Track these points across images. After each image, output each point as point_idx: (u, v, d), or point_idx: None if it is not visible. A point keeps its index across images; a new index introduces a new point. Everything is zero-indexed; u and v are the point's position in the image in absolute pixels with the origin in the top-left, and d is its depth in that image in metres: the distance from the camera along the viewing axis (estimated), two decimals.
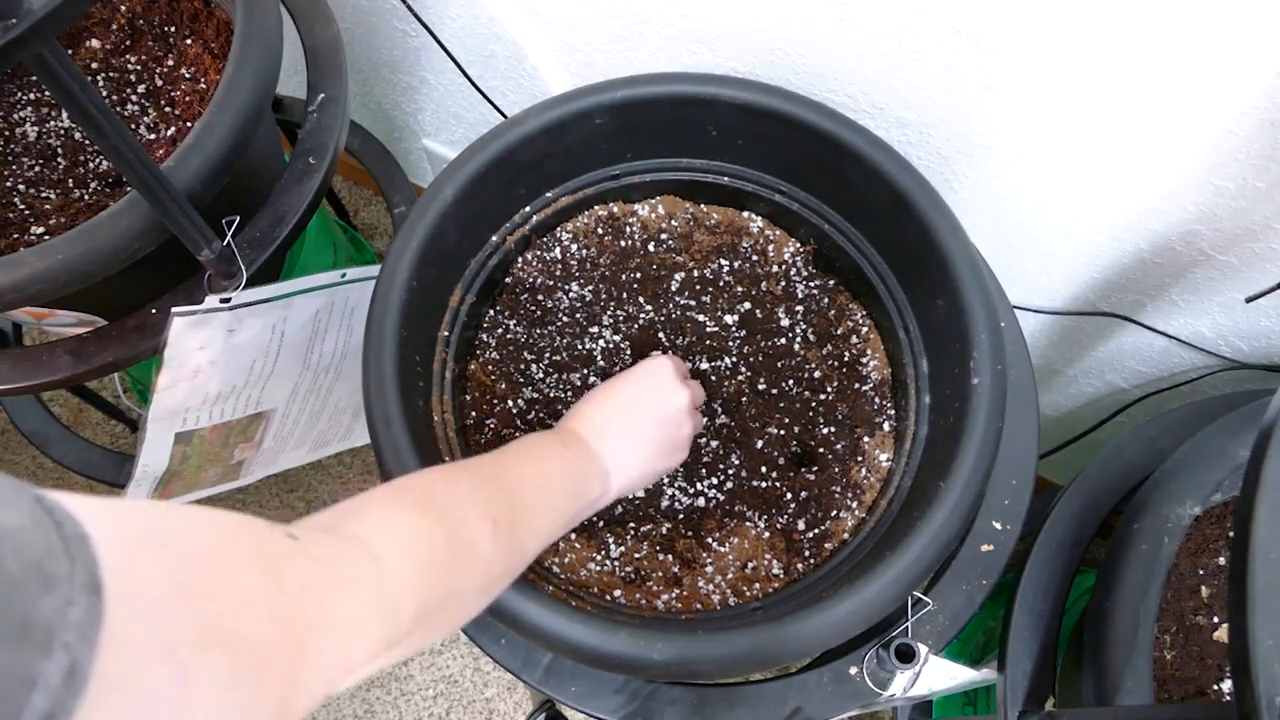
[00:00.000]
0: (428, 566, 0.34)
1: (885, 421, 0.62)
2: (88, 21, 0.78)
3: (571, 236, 0.68)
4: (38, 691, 0.16)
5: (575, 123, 0.61)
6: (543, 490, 0.45)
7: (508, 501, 0.41)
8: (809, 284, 0.67)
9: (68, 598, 0.18)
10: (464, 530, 0.38)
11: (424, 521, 0.36)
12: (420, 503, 0.37)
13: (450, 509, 0.38)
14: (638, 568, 0.57)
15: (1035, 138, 0.63)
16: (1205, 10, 0.49)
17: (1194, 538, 0.55)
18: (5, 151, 0.74)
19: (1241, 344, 0.70)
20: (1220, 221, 0.61)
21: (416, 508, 0.36)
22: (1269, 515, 0.36)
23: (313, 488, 1.20)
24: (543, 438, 0.50)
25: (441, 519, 0.37)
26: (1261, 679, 0.34)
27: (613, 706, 0.53)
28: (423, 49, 0.94)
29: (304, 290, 0.68)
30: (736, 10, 0.66)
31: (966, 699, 0.85)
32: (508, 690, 1.10)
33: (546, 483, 0.45)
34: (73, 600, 0.18)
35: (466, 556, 0.37)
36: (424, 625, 0.34)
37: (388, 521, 0.35)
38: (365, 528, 0.33)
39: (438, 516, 0.37)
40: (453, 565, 0.36)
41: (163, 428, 0.68)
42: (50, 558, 0.18)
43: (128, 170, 0.50)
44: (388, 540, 0.33)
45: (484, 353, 0.64)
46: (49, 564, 0.18)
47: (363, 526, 0.33)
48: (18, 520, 0.18)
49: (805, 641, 0.46)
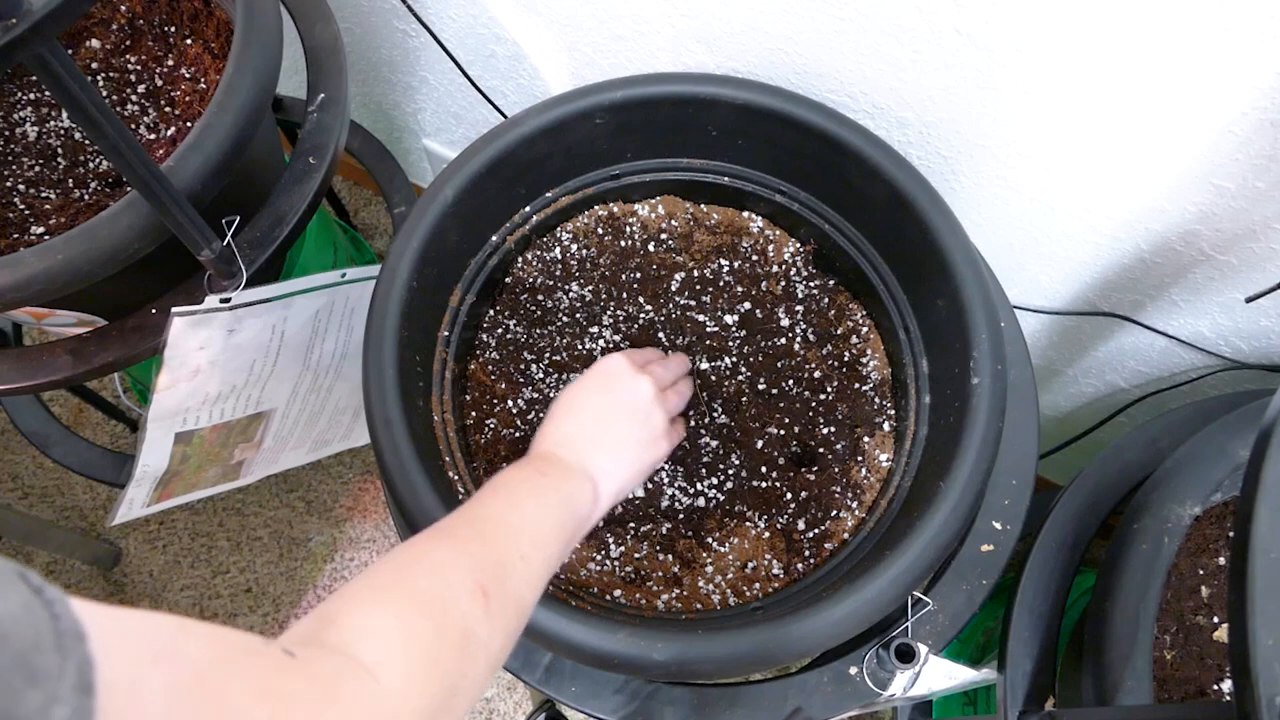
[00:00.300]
0: (424, 667, 0.32)
1: (885, 421, 0.62)
2: (88, 21, 0.78)
3: (571, 236, 0.68)
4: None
5: (575, 123, 0.61)
6: (529, 533, 0.42)
7: (494, 562, 0.38)
8: (809, 284, 0.67)
9: (54, 696, 0.17)
10: (455, 617, 0.35)
11: (410, 618, 0.33)
12: (403, 597, 0.34)
13: (435, 593, 0.35)
14: (638, 568, 0.57)
15: (1035, 138, 0.63)
16: (1205, 10, 0.49)
17: (1194, 538, 0.55)
18: (5, 151, 0.74)
19: (1241, 344, 0.70)
20: (1220, 221, 0.61)
21: (398, 602, 0.34)
22: (1269, 515, 0.36)
23: (313, 488, 1.20)
24: (516, 473, 0.46)
25: (428, 609, 0.34)
26: (1261, 679, 0.34)
27: (612, 706, 0.53)
28: (423, 49, 0.94)
29: (304, 290, 0.68)
30: (736, 10, 0.66)
31: (966, 699, 0.85)
32: (508, 690, 1.10)
33: (530, 523, 0.42)
34: (58, 699, 0.17)
35: (462, 644, 0.35)
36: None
37: (372, 625, 0.32)
38: (352, 636, 0.31)
39: (423, 607, 0.34)
40: (449, 658, 0.34)
41: (163, 428, 0.68)
42: (39, 652, 0.17)
43: (128, 170, 0.50)
44: (377, 648, 0.31)
45: (484, 353, 0.64)
46: (37, 658, 0.17)
47: (349, 635, 0.31)
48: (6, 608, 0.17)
49: (806, 641, 0.46)
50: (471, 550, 0.38)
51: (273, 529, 1.19)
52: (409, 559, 0.37)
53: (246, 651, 0.25)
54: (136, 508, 0.76)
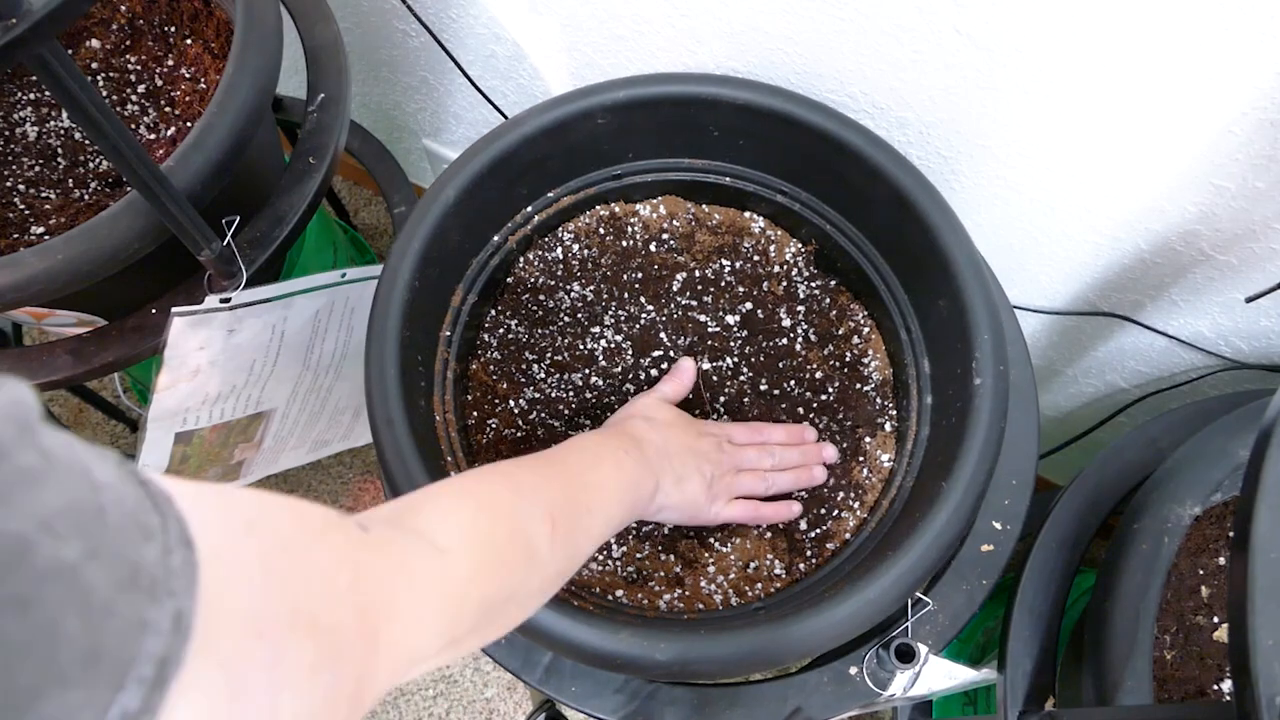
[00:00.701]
0: (490, 563, 0.35)
1: (887, 422, 0.62)
2: (88, 21, 0.78)
3: (573, 236, 0.68)
4: (149, 636, 0.17)
5: (577, 123, 0.61)
6: (597, 492, 0.45)
7: (567, 503, 0.41)
8: (810, 284, 0.67)
9: (166, 547, 0.18)
10: (525, 529, 0.38)
11: (486, 518, 0.36)
12: (483, 500, 0.37)
13: (512, 507, 0.38)
14: (639, 568, 0.57)
15: (1035, 137, 0.63)
16: (1205, 10, 0.49)
17: (1194, 538, 0.55)
18: (5, 151, 0.74)
19: (1241, 344, 0.70)
20: (1220, 221, 0.61)
21: (479, 504, 0.37)
22: (1269, 515, 0.37)
23: (313, 488, 1.20)
24: (600, 441, 0.50)
25: (503, 517, 0.37)
26: (1261, 679, 0.34)
27: (613, 706, 0.53)
28: (423, 49, 0.94)
29: (304, 290, 0.68)
30: (736, 10, 0.66)
31: (966, 699, 0.85)
32: (508, 690, 1.10)
33: (601, 485, 0.46)
34: (171, 550, 0.18)
35: (527, 555, 0.37)
36: (485, 622, 0.35)
37: (452, 517, 0.35)
38: (429, 522, 0.33)
39: (500, 514, 0.37)
40: (514, 563, 0.36)
41: (163, 428, 0.68)
42: (143, 510, 0.18)
43: (128, 170, 0.50)
44: (452, 535, 0.33)
45: (486, 352, 0.64)
46: (144, 516, 0.18)
47: (427, 521, 0.33)
48: (109, 475, 0.18)
49: (807, 641, 0.46)
50: (548, 484, 0.42)
51: None
52: (493, 472, 0.40)
53: (326, 523, 0.26)
54: None
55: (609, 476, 0.47)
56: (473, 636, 0.34)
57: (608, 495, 0.46)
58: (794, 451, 0.59)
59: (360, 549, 0.27)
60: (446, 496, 0.37)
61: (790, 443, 0.60)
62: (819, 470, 0.59)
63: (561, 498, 0.41)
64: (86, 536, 0.16)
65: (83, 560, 0.16)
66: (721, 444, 0.57)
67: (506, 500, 0.38)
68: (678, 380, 0.61)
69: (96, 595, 0.16)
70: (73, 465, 0.17)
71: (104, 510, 0.17)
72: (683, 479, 0.53)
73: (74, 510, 0.16)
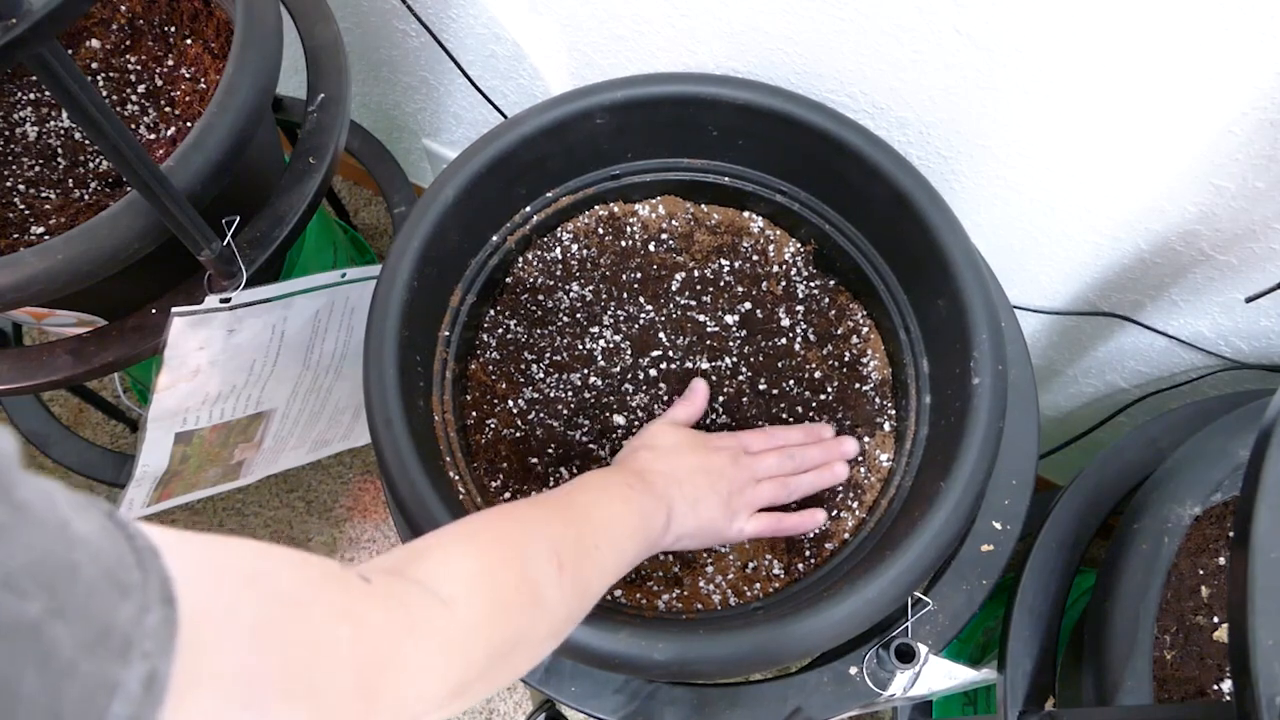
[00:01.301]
0: (496, 611, 0.34)
1: (886, 422, 0.62)
2: (88, 21, 0.78)
3: (572, 236, 0.68)
4: (117, 699, 0.16)
5: (576, 123, 0.61)
6: (606, 529, 0.44)
7: (574, 542, 0.41)
8: (809, 284, 0.67)
9: (143, 605, 0.17)
10: (531, 573, 0.37)
11: (491, 565, 0.36)
12: (486, 545, 0.37)
13: (517, 551, 0.37)
14: (638, 568, 0.57)
15: (1035, 137, 0.63)
16: (1205, 10, 0.49)
17: (1194, 538, 0.55)
18: (5, 151, 0.74)
19: (1241, 344, 0.70)
20: (1220, 221, 0.61)
21: (483, 550, 0.36)
22: (1269, 515, 0.36)
23: (313, 488, 1.20)
24: (605, 477, 0.49)
25: (509, 562, 0.37)
26: (1261, 679, 0.34)
27: (612, 706, 0.53)
28: (423, 49, 0.94)
29: (304, 290, 0.68)
30: (736, 10, 0.66)
31: (966, 699, 0.85)
32: (508, 690, 1.10)
33: (612, 523, 0.45)
34: (148, 608, 0.18)
35: (534, 600, 0.37)
36: (492, 670, 0.34)
37: (456, 564, 0.34)
38: (433, 571, 0.33)
39: (505, 559, 0.36)
40: (520, 609, 0.36)
41: (163, 428, 0.68)
42: (123, 567, 0.18)
43: (128, 170, 0.50)
44: (456, 584, 0.33)
45: (484, 353, 0.64)
46: (122, 573, 0.17)
47: (430, 570, 0.33)
48: (89, 529, 0.17)
49: (806, 641, 0.46)
50: (555, 524, 0.41)
51: (273, 529, 1.19)
52: (497, 516, 0.40)
53: (325, 576, 0.26)
54: (136, 508, 0.76)
55: (616, 512, 0.46)
56: (480, 684, 0.34)
57: (616, 531, 0.45)
58: (815, 449, 0.58)
59: (361, 601, 0.27)
60: (450, 543, 0.36)
61: (809, 441, 0.59)
62: (841, 467, 0.58)
63: (569, 536, 0.41)
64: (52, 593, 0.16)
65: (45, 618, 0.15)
66: (737, 456, 0.55)
67: (511, 544, 0.38)
68: (690, 403, 0.59)
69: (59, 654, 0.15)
70: (47, 519, 0.17)
71: (76, 566, 0.16)
72: (697, 502, 0.52)
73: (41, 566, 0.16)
